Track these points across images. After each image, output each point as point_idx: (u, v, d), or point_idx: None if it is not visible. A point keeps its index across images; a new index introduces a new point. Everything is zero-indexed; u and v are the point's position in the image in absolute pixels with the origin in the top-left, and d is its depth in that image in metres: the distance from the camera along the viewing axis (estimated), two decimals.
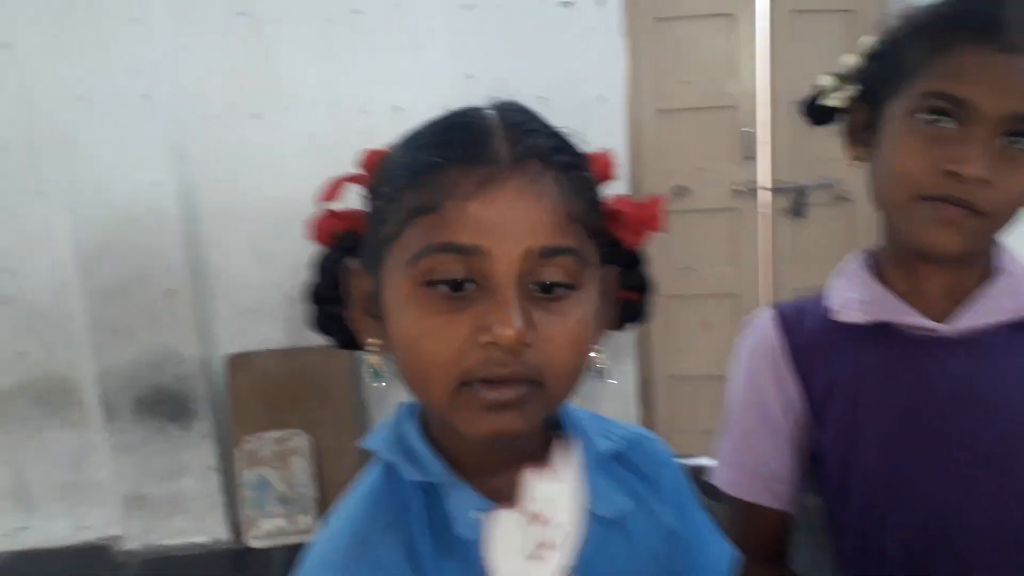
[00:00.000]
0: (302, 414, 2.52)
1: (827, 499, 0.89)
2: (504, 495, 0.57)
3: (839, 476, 0.85)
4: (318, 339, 2.36)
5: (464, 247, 0.50)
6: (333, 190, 0.60)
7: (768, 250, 2.66)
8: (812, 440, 0.87)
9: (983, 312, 0.79)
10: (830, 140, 0.91)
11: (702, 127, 2.54)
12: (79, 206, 2.34)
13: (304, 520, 2.49)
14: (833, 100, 0.85)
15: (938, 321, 0.80)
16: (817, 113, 0.88)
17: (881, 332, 0.82)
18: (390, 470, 0.59)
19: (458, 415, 0.52)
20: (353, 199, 0.61)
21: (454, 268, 0.50)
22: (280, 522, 2.48)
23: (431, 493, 0.57)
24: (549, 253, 0.51)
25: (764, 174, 2.61)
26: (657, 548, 0.62)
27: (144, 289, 2.39)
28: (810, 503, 0.91)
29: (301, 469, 2.50)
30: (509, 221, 0.50)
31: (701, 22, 2.49)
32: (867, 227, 2.70)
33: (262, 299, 2.54)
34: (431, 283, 0.51)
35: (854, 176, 2.62)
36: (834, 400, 0.84)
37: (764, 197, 2.62)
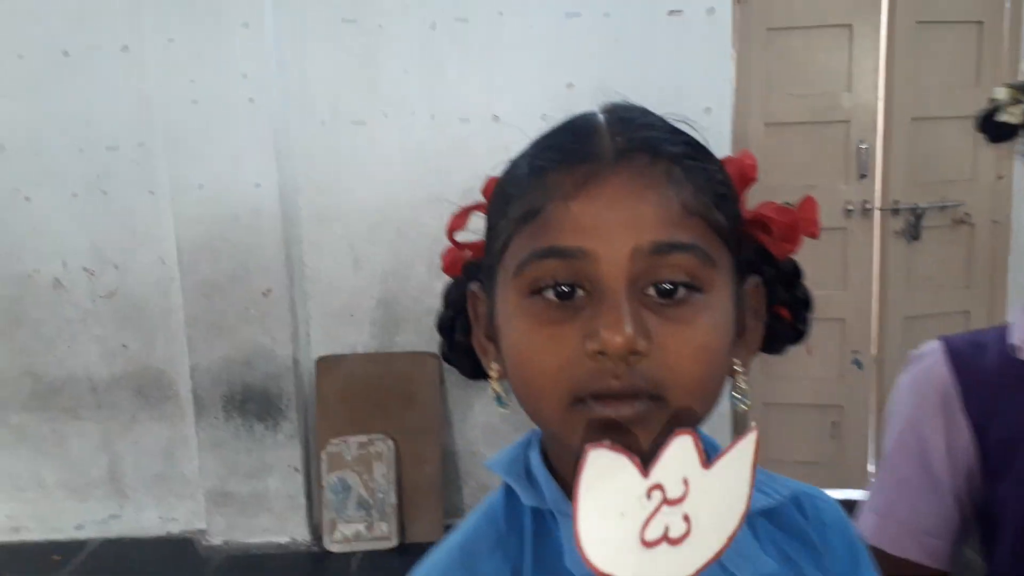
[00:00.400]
0: (386, 420, 2.51)
1: (997, 563, 0.79)
2: None
3: (1018, 539, 0.75)
4: (406, 345, 2.34)
5: (567, 250, 0.46)
6: (459, 220, 0.59)
7: (879, 273, 2.51)
8: (983, 496, 0.78)
9: None
10: (950, 159, 0.82)
11: (813, 142, 2.42)
12: (184, 205, 2.42)
13: (382, 527, 2.47)
14: (1010, 116, 0.76)
15: None
16: (994, 129, 0.79)
17: None
18: (511, 492, 0.55)
19: (573, 435, 0.47)
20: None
21: (559, 274, 0.46)
22: (359, 527, 2.47)
23: (546, 521, 0.53)
24: (662, 250, 0.45)
25: (877, 193, 2.47)
26: None
27: (241, 288, 2.44)
28: (970, 560, 0.82)
29: (382, 475, 2.48)
30: (614, 219, 0.45)
31: (816, 32, 2.37)
32: (988, 252, 2.51)
33: (353, 303, 2.56)
34: (537, 292, 0.47)
35: (975, 197, 2.47)
36: (1021, 452, 0.74)
37: (876, 217, 2.48)
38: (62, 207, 2.51)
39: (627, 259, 0.45)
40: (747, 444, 0.37)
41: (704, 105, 2.32)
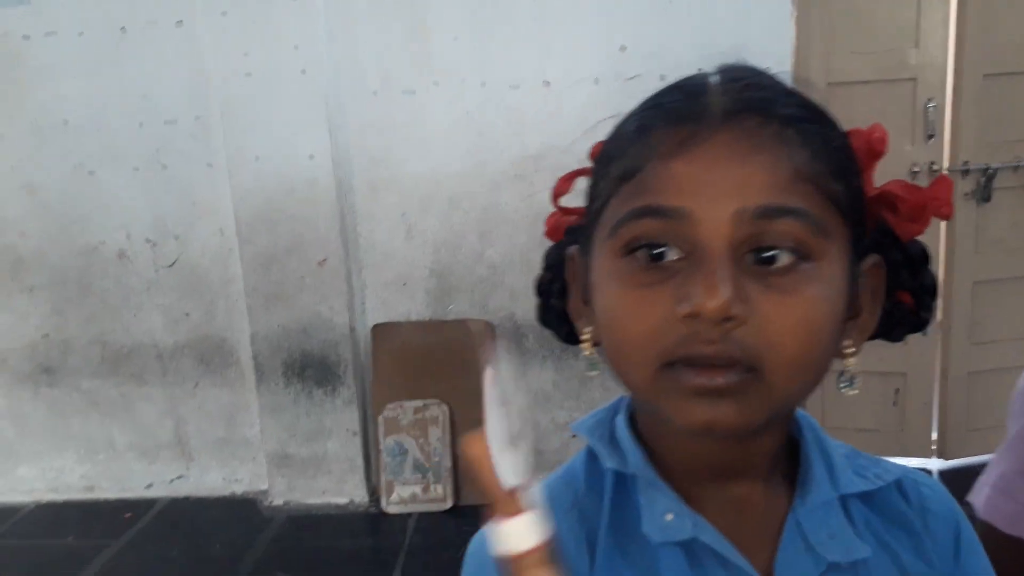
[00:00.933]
0: (441, 385, 2.55)
1: None
2: (708, 509, 0.50)
3: None
4: (458, 312, 2.36)
5: (665, 209, 0.44)
6: (564, 183, 0.57)
7: (946, 237, 2.42)
8: None
9: None
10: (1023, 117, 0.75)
11: (878, 102, 2.32)
12: (241, 177, 2.46)
13: (437, 489, 2.53)
14: None
15: None
16: None
17: None
18: (592, 456, 0.55)
19: (663, 402, 0.46)
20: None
21: (655, 234, 0.45)
22: (415, 489, 2.53)
23: (627, 486, 0.53)
24: (768, 214, 0.43)
25: (946, 154, 2.37)
26: None
27: (298, 258, 2.48)
28: None
29: (437, 439, 2.53)
30: (717, 179, 0.44)
31: None
32: None
33: (406, 272, 2.58)
34: (631, 253, 0.46)
35: None
36: None
37: None
38: (124, 181, 2.58)
39: (728, 222, 0.43)
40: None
41: (763, 65, 2.24)
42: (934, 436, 2.56)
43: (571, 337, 0.57)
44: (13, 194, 2.61)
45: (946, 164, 2.37)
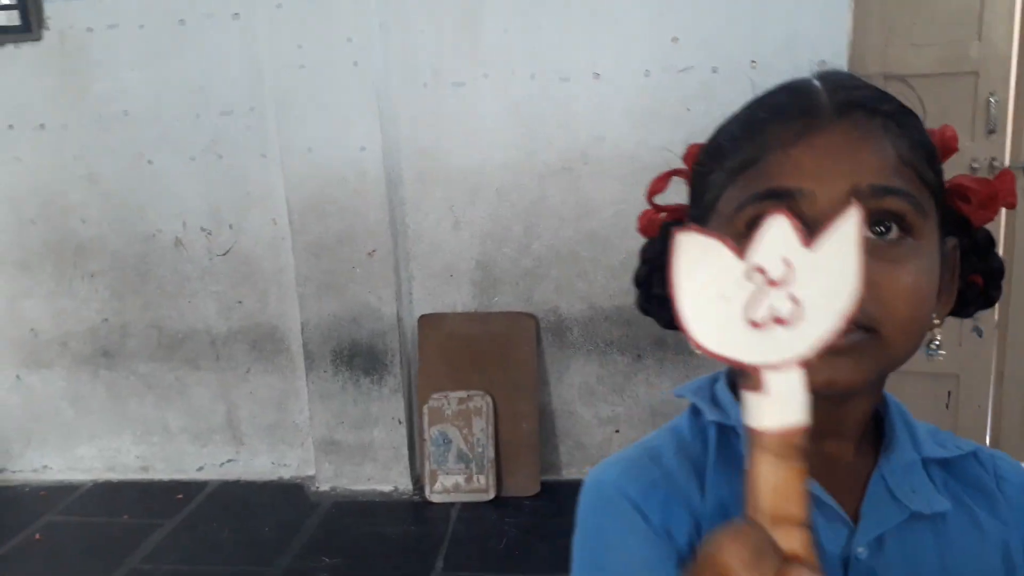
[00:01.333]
0: (485, 377, 2.57)
1: None
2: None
3: None
4: (503, 305, 2.37)
5: (786, 190, 0.50)
6: (660, 183, 0.63)
7: (1004, 236, 2.35)
8: None
9: None
10: None
11: (938, 95, 2.27)
12: (293, 168, 2.51)
13: (480, 479, 2.55)
14: None
15: None
16: None
17: None
18: (696, 413, 0.62)
19: None
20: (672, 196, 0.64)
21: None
22: (458, 479, 2.56)
23: (728, 436, 0.59)
24: (880, 193, 0.50)
25: (1008, 149, 2.30)
26: (977, 561, 0.58)
27: (348, 248, 2.52)
28: None
29: (481, 430, 2.55)
30: (833, 164, 0.50)
31: None
32: None
33: (453, 263, 2.61)
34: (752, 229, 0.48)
35: None
36: None
37: None
38: (181, 170, 2.64)
39: (845, 199, 0.49)
40: (849, 222, 0.36)
41: (819, 57, 2.21)
42: (987, 439, 2.50)
43: (672, 322, 0.61)
44: (76, 182, 2.70)
45: (1007, 160, 2.31)
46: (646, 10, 2.34)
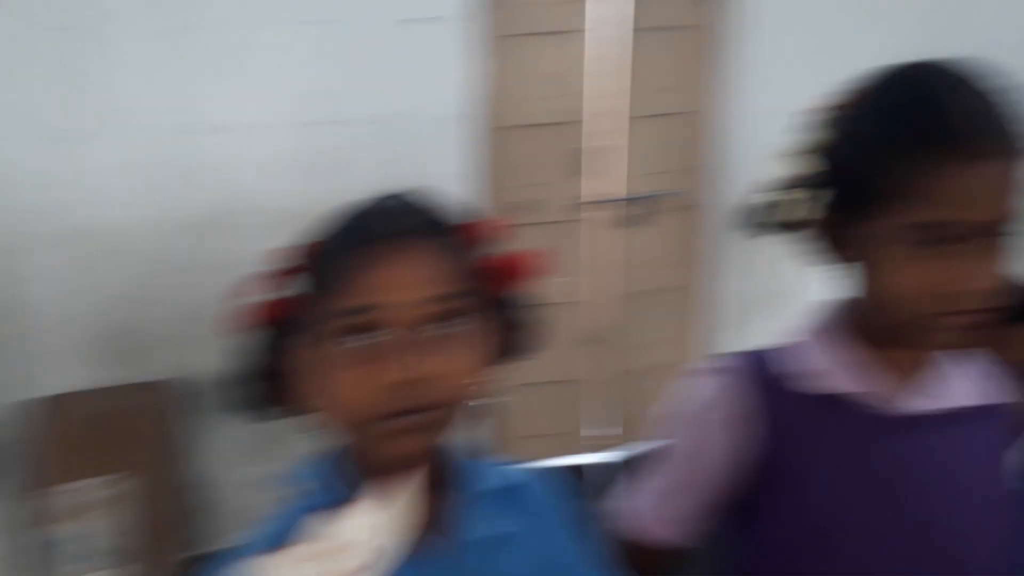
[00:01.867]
0: (117, 458, 2.28)
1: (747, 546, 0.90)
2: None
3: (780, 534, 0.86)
4: (136, 375, 2.11)
5: (364, 307, 0.64)
6: (268, 282, 0.72)
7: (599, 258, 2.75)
8: (745, 492, 0.86)
9: (947, 393, 0.82)
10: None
11: (542, 144, 2.59)
12: None
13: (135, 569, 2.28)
14: (799, 213, 0.80)
15: (893, 399, 0.81)
16: (773, 227, 0.83)
17: (838, 403, 0.81)
18: (318, 493, 0.73)
19: (381, 444, 0.66)
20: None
21: (360, 325, 0.64)
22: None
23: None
24: (435, 301, 0.65)
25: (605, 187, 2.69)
26: (534, 570, 0.74)
27: None
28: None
29: (119, 518, 2.27)
30: (397, 280, 0.65)
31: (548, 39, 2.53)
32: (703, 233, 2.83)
33: (77, 335, 2.29)
34: (346, 339, 0.65)
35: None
36: (800, 484, 0.83)
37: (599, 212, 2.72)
38: None
39: (409, 309, 0.64)
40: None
41: (440, 113, 2.36)
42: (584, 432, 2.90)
43: (268, 413, 0.74)
44: None
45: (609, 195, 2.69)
46: (272, 66, 2.27)
